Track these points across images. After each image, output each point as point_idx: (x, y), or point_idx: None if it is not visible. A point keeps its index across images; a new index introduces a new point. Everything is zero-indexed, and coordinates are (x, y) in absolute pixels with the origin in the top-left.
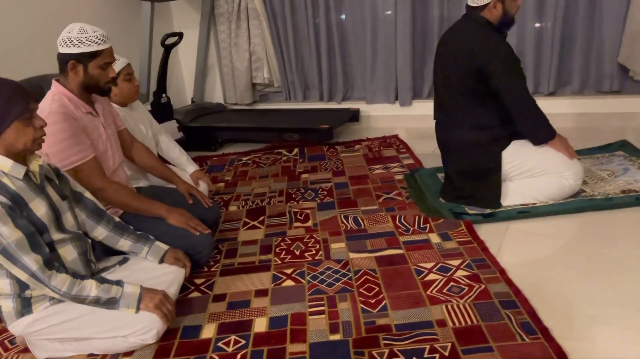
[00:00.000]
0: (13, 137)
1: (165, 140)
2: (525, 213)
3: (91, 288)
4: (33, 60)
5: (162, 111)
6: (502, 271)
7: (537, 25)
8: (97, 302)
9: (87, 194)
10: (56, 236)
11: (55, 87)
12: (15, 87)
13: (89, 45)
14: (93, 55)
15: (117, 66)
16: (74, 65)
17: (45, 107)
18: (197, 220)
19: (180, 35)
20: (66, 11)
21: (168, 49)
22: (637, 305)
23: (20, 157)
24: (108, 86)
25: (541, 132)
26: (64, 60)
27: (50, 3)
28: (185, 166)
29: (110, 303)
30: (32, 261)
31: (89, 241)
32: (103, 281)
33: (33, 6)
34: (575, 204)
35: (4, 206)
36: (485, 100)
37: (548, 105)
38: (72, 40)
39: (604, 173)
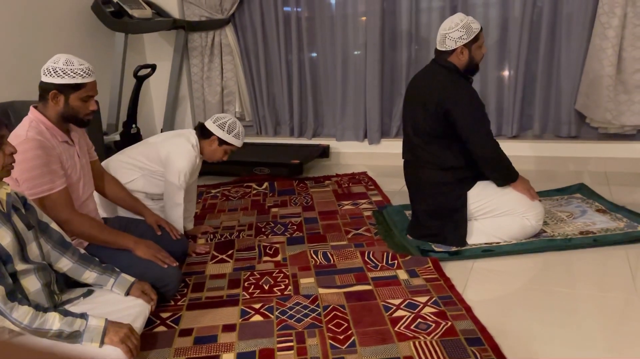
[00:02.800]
0: None
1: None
2: (489, 251)
3: (54, 321)
4: (3, 87)
5: (131, 141)
6: (468, 309)
7: (501, 73)
8: (59, 336)
9: (53, 225)
10: (20, 266)
11: (33, 113)
12: None
13: (74, 77)
14: (76, 87)
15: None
16: (55, 94)
17: (22, 134)
18: (165, 252)
19: (153, 67)
20: (40, 40)
21: (140, 80)
22: (593, 343)
23: None
24: (87, 118)
25: (504, 174)
26: (46, 89)
27: (24, 32)
28: (187, 222)
29: (74, 337)
30: None
31: (53, 272)
32: (66, 313)
33: (6, 34)
34: (537, 244)
35: None
36: (451, 142)
37: (511, 148)
38: (56, 71)
39: (563, 215)
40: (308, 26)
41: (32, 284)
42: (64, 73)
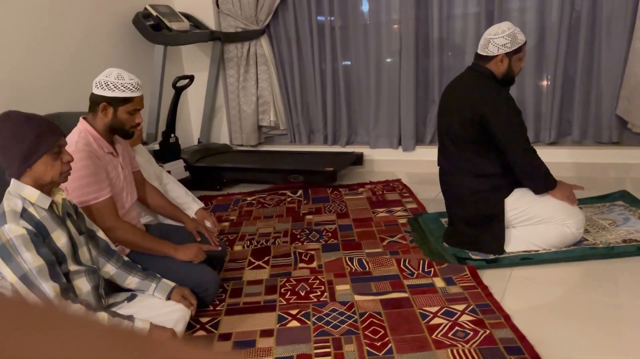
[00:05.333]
0: (42, 170)
1: (170, 181)
2: (528, 259)
3: (103, 320)
4: (50, 99)
5: (170, 151)
6: (507, 317)
7: (538, 77)
8: None
9: (100, 233)
10: (72, 267)
11: (82, 124)
12: (47, 123)
13: (123, 91)
14: (125, 100)
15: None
16: (105, 107)
17: (71, 144)
18: (204, 245)
19: (191, 78)
20: (85, 54)
21: (179, 91)
22: (636, 354)
23: (46, 188)
24: (132, 130)
25: (542, 182)
26: (96, 101)
27: (70, 46)
28: (190, 204)
29: None
30: (50, 288)
31: (101, 276)
32: (114, 315)
33: (53, 49)
34: (578, 252)
35: (29, 233)
36: (488, 149)
37: (549, 154)
38: (108, 84)
39: (605, 222)
40: (341, 35)
41: (83, 285)
42: (114, 87)
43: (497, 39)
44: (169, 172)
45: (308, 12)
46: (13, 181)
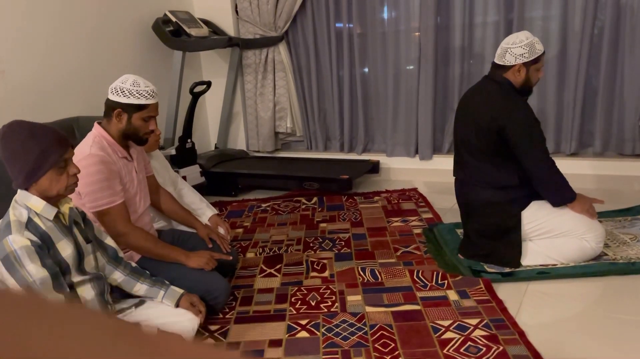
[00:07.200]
0: (47, 184)
1: (185, 187)
2: (545, 273)
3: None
4: (69, 102)
5: (186, 156)
6: (522, 333)
7: (559, 87)
8: None
9: (108, 240)
10: (76, 278)
11: (97, 129)
12: (53, 137)
13: (138, 98)
14: (139, 107)
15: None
16: (119, 113)
17: (86, 149)
18: (216, 253)
19: (208, 84)
20: (104, 59)
21: (196, 96)
22: None
23: (53, 199)
24: (146, 137)
25: (560, 195)
26: (111, 106)
27: (90, 51)
28: (204, 211)
29: None
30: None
31: (107, 282)
32: None
33: (73, 54)
34: (597, 267)
35: (33, 244)
36: (505, 160)
37: (569, 166)
38: (123, 91)
39: (626, 237)
40: (360, 42)
41: (87, 292)
42: (130, 94)
43: (515, 48)
44: (184, 177)
45: (326, 19)
46: (20, 190)
